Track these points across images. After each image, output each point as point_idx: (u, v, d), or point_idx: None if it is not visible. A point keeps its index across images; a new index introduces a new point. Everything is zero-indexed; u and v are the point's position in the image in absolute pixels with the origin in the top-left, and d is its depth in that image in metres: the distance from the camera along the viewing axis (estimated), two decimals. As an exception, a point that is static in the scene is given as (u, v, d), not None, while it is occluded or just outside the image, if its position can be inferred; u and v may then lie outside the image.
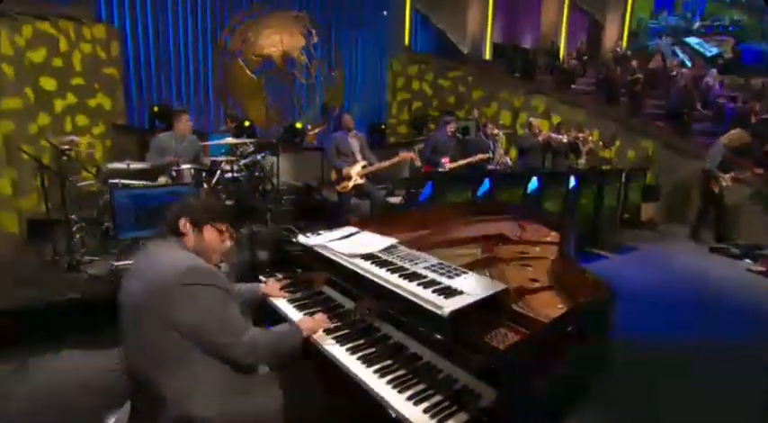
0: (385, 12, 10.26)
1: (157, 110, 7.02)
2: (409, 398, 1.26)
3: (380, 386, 1.32)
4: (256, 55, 8.48)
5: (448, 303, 1.37)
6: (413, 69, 10.42)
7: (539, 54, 11.58)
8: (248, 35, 8.37)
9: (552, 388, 1.34)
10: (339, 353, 1.49)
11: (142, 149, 4.46)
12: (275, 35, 8.55)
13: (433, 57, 10.74)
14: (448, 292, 1.46)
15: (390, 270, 1.67)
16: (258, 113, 8.66)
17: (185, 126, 4.32)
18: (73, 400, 2.18)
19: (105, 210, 3.81)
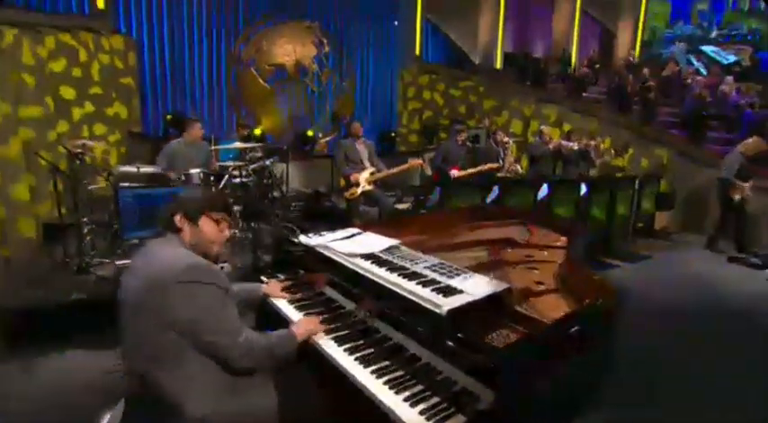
0: (396, 22, 10.34)
1: (171, 118, 7.16)
2: (406, 399, 1.24)
3: (377, 387, 1.30)
4: (269, 64, 8.62)
5: (447, 302, 1.35)
6: (423, 79, 10.43)
7: (550, 62, 11.55)
8: (262, 44, 8.52)
9: (556, 391, 1.29)
10: (337, 353, 1.47)
11: (155, 156, 4.54)
12: (288, 44, 8.70)
13: (444, 67, 10.74)
14: (447, 291, 1.43)
15: (390, 269, 1.65)
16: (270, 122, 8.78)
17: (197, 133, 4.45)
18: (74, 400, 2.18)
19: (116, 212, 3.86)
